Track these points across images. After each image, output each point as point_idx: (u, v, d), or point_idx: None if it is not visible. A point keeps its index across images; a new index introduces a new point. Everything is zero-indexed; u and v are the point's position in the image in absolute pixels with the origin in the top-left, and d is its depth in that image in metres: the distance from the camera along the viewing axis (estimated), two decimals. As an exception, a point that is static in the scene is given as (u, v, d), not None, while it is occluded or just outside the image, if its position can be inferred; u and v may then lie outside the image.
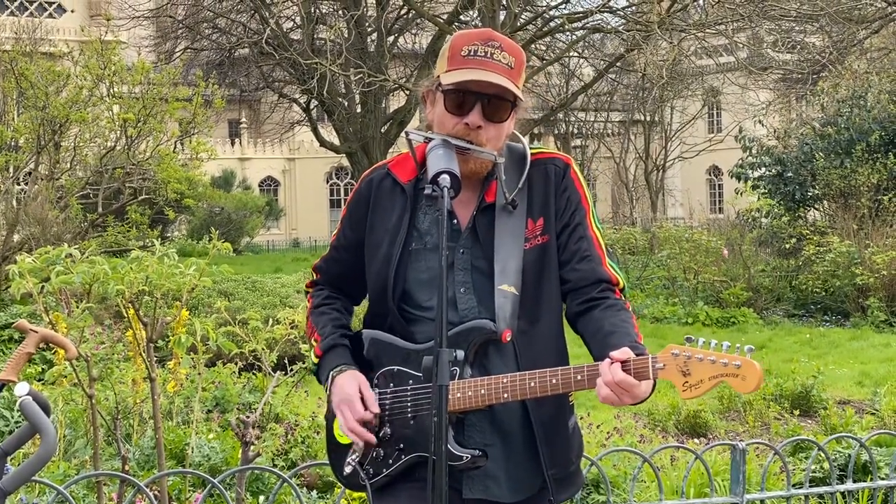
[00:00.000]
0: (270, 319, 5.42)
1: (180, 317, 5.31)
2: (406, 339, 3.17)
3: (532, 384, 2.96)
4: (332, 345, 3.28)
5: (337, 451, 3.29)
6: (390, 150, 34.14)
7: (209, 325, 5.22)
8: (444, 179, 2.91)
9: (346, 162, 46.72)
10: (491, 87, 3.07)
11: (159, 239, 18.87)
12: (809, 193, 20.90)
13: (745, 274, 19.48)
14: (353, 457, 3.20)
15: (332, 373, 3.22)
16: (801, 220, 21.47)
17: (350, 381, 3.17)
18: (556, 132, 42.58)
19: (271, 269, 30.16)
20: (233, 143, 58.78)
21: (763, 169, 22.15)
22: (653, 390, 2.87)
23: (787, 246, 20.19)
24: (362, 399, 3.13)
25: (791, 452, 7.74)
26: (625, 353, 2.84)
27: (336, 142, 34.52)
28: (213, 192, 37.82)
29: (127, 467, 5.10)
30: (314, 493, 6.71)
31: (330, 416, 3.31)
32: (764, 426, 10.52)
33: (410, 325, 3.17)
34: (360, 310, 3.44)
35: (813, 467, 6.76)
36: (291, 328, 5.30)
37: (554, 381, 2.95)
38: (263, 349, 6.05)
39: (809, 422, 10.72)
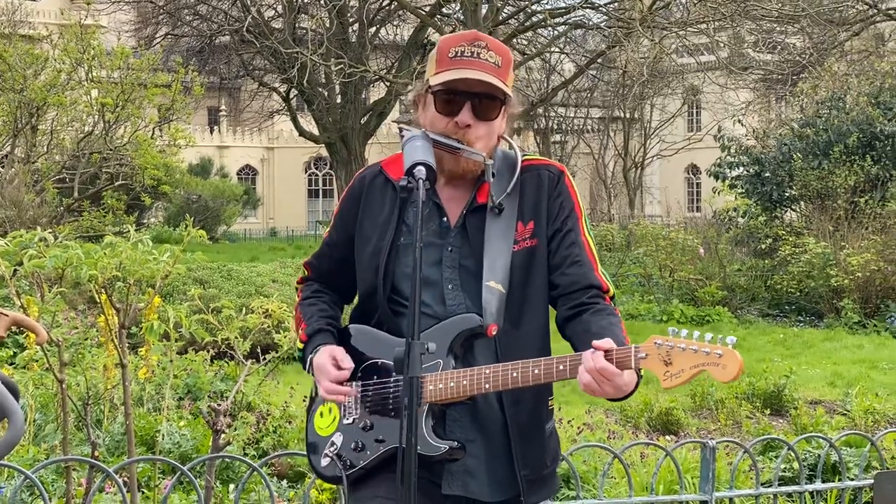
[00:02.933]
0: (244, 308, 5.40)
1: (153, 303, 5.29)
2: (393, 334, 3.18)
3: (514, 374, 2.96)
4: (316, 330, 3.31)
5: (315, 443, 3.29)
6: (369, 142, 34.13)
7: (182, 312, 5.21)
8: (420, 171, 2.93)
9: (325, 152, 46.64)
10: (479, 86, 3.10)
11: (135, 225, 18.81)
12: (786, 194, 20.97)
13: (720, 273, 19.53)
14: (331, 448, 3.20)
15: (311, 356, 3.26)
16: (778, 220, 21.54)
17: (323, 352, 3.21)
18: (536, 127, 42.57)
19: (247, 257, 30.06)
20: (211, 131, 58.56)
21: (741, 168, 22.21)
22: (636, 387, 2.88)
23: (764, 246, 20.25)
24: (335, 362, 3.17)
25: (761, 451, 7.77)
26: (607, 342, 2.86)
27: (315, 132, 34.47)
28: (190, 179, 37.73)
29: (97, 453, 5.07)
30: (284, 482, 6.70)
31: (310, 409, 3.32)
32: (735, 424, 10.55)
33: (398, 318, 3.18)
34: (348, 307, 3.45)
35: (783, 466, 6.79)
36: (265, 317, 5.28)
37: (536, 371, 2.95)
38: (236, 338, 6.04)
39: (781, 421, 10.76)
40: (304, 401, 8.49)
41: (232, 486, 6.22)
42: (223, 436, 4.89)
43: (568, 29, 30.33)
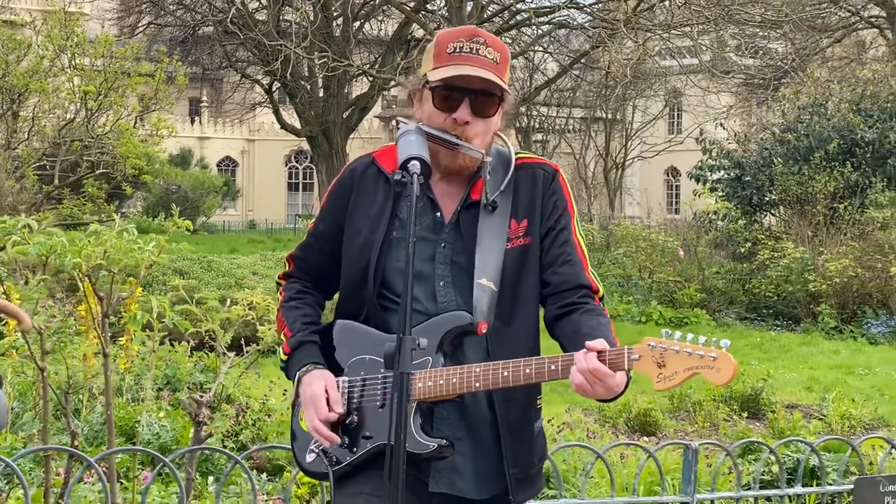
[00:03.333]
0: (228, 300, 5.37)
1: (135, 293, 5.25)
2: (381, 329, 3.15)
3: (505, 374, 2.95)
4: (301, 342, 3.26)
5: (300, 437, 3.27)
6: (351, 136, 34.06)
7: (165, 302, 5.18)
8: (414, 165, 2.91)
9: (305, 146, 46.55)
10: (477, 82, 3.08)
11: (117, 214, 18.72)
12: (766, 198, 21.04)
13: (699, 275, 19.59)
14: (317, 444, 3.18)
15: (298, 372, 3.21)
16: (757, 224, 21.61)
17: (317, 381, 3.15)
18: (518, 126, 42.57)
19: (227, 249, 30.00)
20: (192, 122, 58.26)
21: (722, 172, 22.27)
22: (626, 387, 2.88)
23: (743, 249, 20.33)
24: (328, 399, 3.11)
25: (741, 454, 7.79)
26: (600, 343, 2.85)
27: (297, 125, 34.40)
28: (170, 169, 37.58)
29: (76, 443, 5.04)
30: (264, 475, 6.67)
31: (296, 404, 3.30)
32: (713, 427, 10.58)
33: (387, 314, 3.15)
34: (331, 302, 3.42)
35: (762, 470, 6.81)
36: (249, 309, 5.25)
37: (528, 370, 2.94)
38: (218, 329, 6.00)
39: (758, 424, 10.79)
40: (283, 394, 8.48)
41: (211, 479, 6.19)
42: (205, 428, 4.85)
43: (552, 28, 30.37)
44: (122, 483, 5.92)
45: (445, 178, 3.17)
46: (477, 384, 2.98)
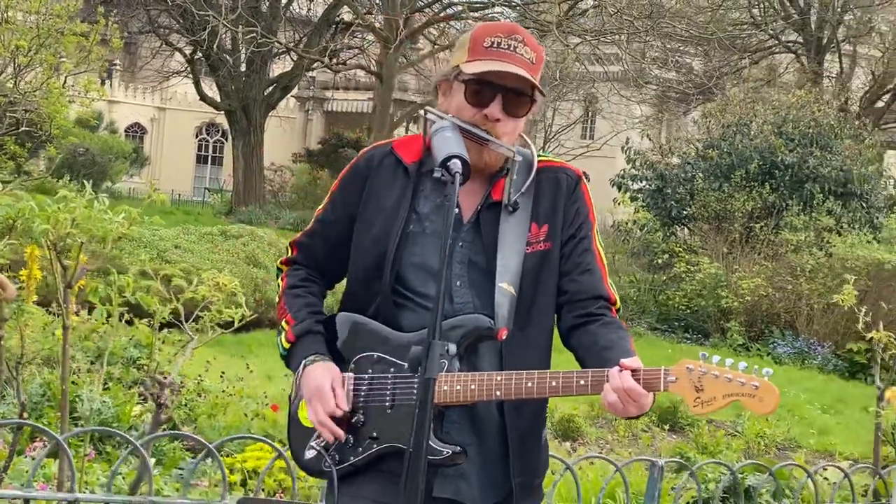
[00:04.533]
0: (195, 279, 5.22)
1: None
2: (390, 325, 3.05)
3: (529, 385, 2.86)
4: (306, 330, 3.13)
5: (299, 433, 3.15)
6: (271, 114, 33.71)
7: (129, 278, 5.02)
8: (456, 164, 2.80)
9: (219, 119, 45.97)
10: (513, 80, 3.00)
11: (16, 173, 18.23)
12: (685, 212, 21.30)
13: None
14: (318, 441, 3.07)
15: (304, 361, 3.08)
16: (674, 236, 21.87)
17: (323, 373, 3.04)
18: (436, 118, 42.38)
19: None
20: (102, 84, 57.05)
21: (644, 182, 22.48)
22: (652, 403, 2.82)
23: (660, 261, 20.56)
24: (334, 393, 3.00)
25: (675, 470, 7.83)
26: (635, 361, 2.79)
27: (217, 98, 33.90)
28: (78, 131, 36.73)
29: (25, 414, 4.86)
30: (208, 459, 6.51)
31: (295, 397, 3.18)
32: (633, 437, 10.67)
33: (399, 310, 3.05)
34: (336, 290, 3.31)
35: (694, 486, 6.87)
36: (216, 290, 5.11)
37: (554, 383, 2.85)
38: (157, 307, 5.82)
39: (675, 437, 10.91)
40: (221, 377, 8.33)
41: (153, 461, 6.01)
42: (165, 410, 4.71)
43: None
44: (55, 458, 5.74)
45: None
46: (498, 392, 2.89)
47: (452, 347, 2.87)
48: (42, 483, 5.09)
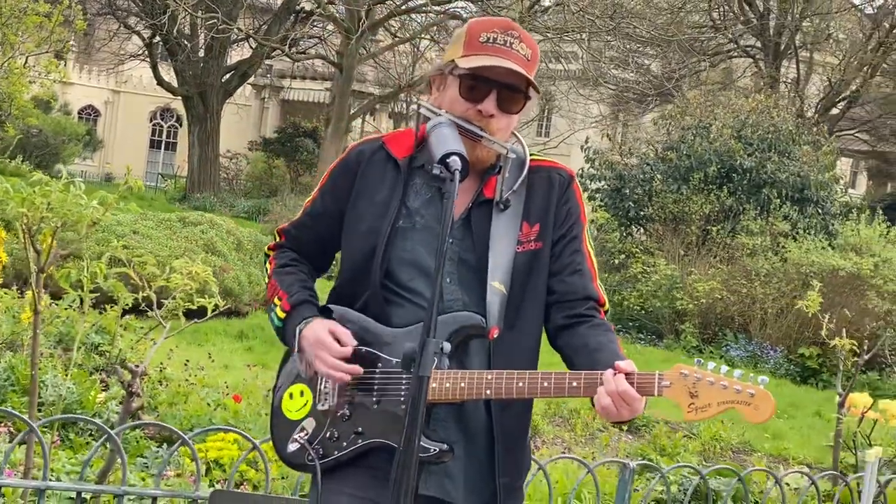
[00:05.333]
0: (168, 267, 5.14)
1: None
2: (378, 320, 3.02)
3: (520, 385, 2.84)
4: (301, 300, 3.11)
5: (282, 425, 3.11)
6: (228, 101, 33.47)
7: (101, 265, 4.94)
8: (455, 161, 2.76)
9: (174, 104, 45.62)
10: (509, 76, 2.98)
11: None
12: (643, 213, 21.36)
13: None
14: (302, 434, 3.03)
15: (299, 326, 3.05)
16: (631, 237, 21.95)
17: (318, 326, 3.02)
18: (393, 111, 42.41)
19: (95, 199, 29.06)
20: (56, 65, 56.34)
21: (603, 182, 22.53)
22: (644, 408, 2.81)
23: (617, 261, 20.61)
24: (336, 337, 2.97)
25: (639, 472, 7.84)
26: (630, 364, 2.78)
27: (174, 83, 33.60)
28: (33, 112, 36.30)
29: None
30: (165, 446, 6.44)
31: (276, 388, 3.15)
32: (590, 436, 10.68)
33: (388, 306, 3.02)
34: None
35: (659, 488, 6.90)
36: (188, 279, 5.03)
37: (546, 384, 2.83)
38: (121, 294, 5.74)
39: (631, 437, 10.94)
40: (184, 365, 8.24)
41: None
42: (136, 399, 4.63)
43: (443, 18, 30.28)
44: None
45: None
46: (488, 391, 2.87)
47: (447, 345, 2.84)
48: (8, 469, 4.99)
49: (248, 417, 7.40)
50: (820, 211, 20.93)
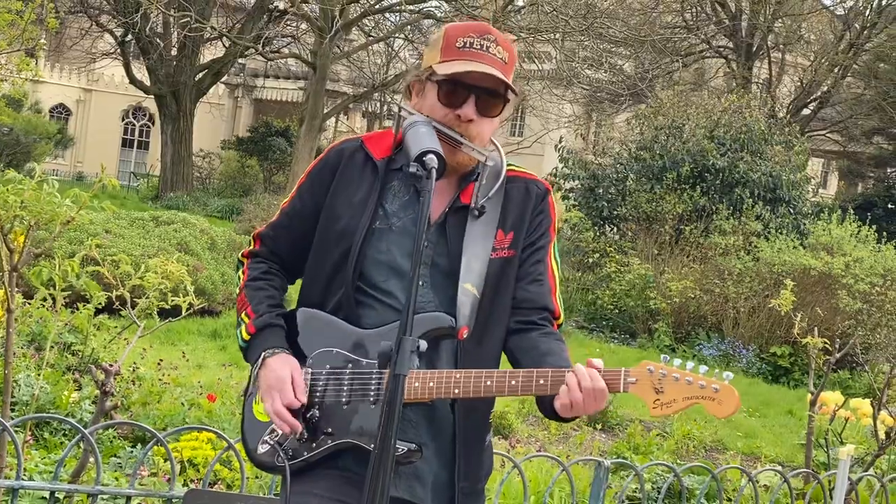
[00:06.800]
0: (143, 266, 5.12)
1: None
2: (350, 321, 3.02)
3: (488, 383, 2.84)
4: (266, 324, 3.09)
5: (253, 427, 3.11)
6: (201, 100, 33.36)
7: (74, 263, 4.92)
8: (431, 160, 2.77)
9: (146, 103, 45.44)
10: (487, 80, 2.98)
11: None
12: (616, 212, 21.43)
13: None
14: (272, 435, 3.03)
15: (264, 353, 3.04)
16: (605, 236, 22.00)
17: (282, 366, 3.00)
18: (366, 110, 42.37)
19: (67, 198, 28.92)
20: (29, 64, 55.93)
21: (576, 181, 22.58)
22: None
23: (591, 260, 20.66)
24: (293, 385, 2.97)
25: (614, 471, 7.87)
26: (599, 362, 2.80)
27: (146, 81, 33.46)
28: (4, 110, 36.09)
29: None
30: (139, 446, 6.42)
31: (251, 390, 3.14)
32: (564, 435, 10.70)
33: (360, 307, 3.02)
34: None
35: (633, 486, 6.94)
36: (163, 278, 5.02)
37: (513, 382, 2.84)
38: (94, 293, 5.71)
39: (605, 436, 10.97)
40: (157, 365, 8.21)
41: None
42: (111, 399, 4.62)
43: (417, 18, 30.28)
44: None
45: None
46: (456, 391, 2.88)
47: (423, 344, 2.85)
48: (-20, 470, 4.97)
49: (223, 417, 7.37)
50: (791, 210, 21.05)
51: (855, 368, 17.11)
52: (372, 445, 2.65)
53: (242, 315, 3.16)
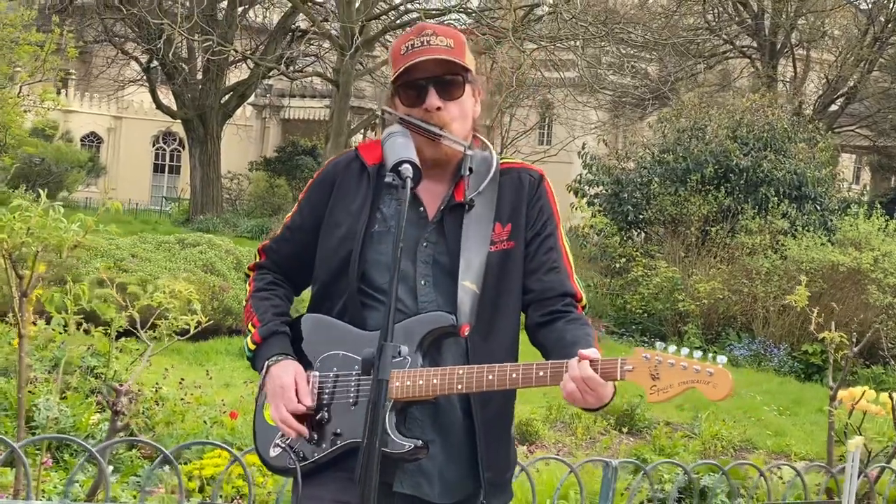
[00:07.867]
0: (151, 287, 5.22)
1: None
2: (355, 324, 3.11)
3: (490, 377, 2.92)
4: (272, 331, 3.19)
5: (264, 431, 3.20)
6: (229, 122, 33.58)
7: (84, 286, 5.02)
8: (406, 169, 2.88)
9: (175, 128, 45.74)
10: (435, 66, 3.09)
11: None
12: (642, 216, 21.39)
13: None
14: (282, 439, 3.12)
15: (268, 362, 3.14)
16: (631, 241, 21.97)
17: (286, 372, 3.09)
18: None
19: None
20: (58, 93, 56.46)
21: (601, 187, 22.56)
22: (612, 396, 2.88)
23: (618, 265, 20.64)
24: (297, 391, 3.05)
25: (632, 472, 7.88)
26: (593, 352, 2.84)
27: (173, 106, 33.73)
28: (35, 141, 36.47)
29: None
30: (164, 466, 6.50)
31: (260, 397, 3.23)
32: (591, 440, 10.72)
33: (365, 309, 3.11)
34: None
35: (647, 486, 6.95)
36: (171, 297, 5.11)
37: (514, 375, 2.91)
38: (113, 316, 5.81)
39: (633, 439, 10.98)
40: (180, 384, 8.32)
41: (111, 468, 6.00)
42: (121, 418, 4.71)
43: (438, 31, 30.29)
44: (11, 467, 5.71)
45: (429, 174, 3.09)
46: (459, 386, 2.95)
47: (405, 349, 2.93)
48: (-1, 492, 5.07)
49: (245, 433, 7.45)
50: (818, 207, 20.94)
51: (889, 363, 16.99)
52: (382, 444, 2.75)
53: (249, 325, 3.26)
